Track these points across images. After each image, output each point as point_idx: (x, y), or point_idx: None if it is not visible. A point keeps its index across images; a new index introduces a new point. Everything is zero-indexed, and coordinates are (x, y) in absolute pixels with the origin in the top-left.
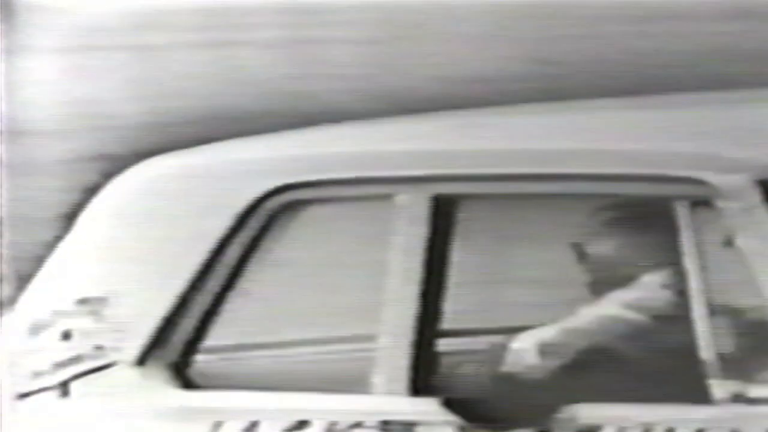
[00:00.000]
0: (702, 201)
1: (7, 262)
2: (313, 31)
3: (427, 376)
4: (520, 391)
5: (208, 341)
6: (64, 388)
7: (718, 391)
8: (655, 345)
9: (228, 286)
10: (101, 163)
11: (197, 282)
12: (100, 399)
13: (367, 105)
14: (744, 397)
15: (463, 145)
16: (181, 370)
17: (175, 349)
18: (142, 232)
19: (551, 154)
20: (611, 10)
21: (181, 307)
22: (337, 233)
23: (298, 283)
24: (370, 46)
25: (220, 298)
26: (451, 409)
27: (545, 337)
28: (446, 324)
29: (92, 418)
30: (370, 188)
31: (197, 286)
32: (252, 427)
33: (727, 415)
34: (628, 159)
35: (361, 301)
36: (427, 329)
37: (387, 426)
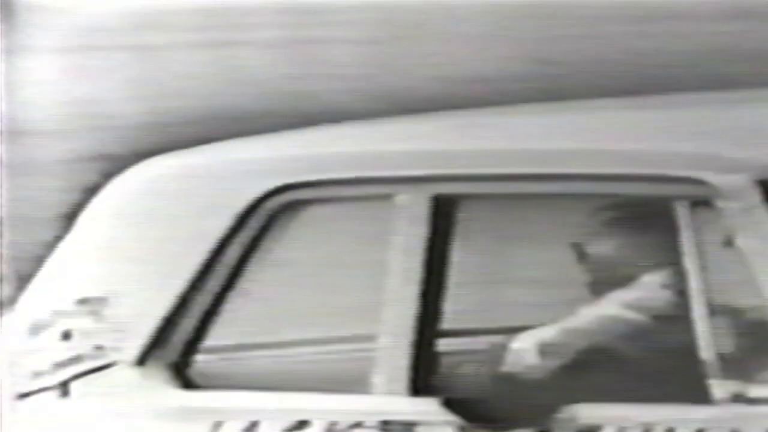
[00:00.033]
0: (702, 201)
1: (7, 262)
2: (313, 31)
3: (427, 376)
4: (520, 391)
5: (208, 341)
6: (64, 388)
7: (718, 391)
8: (655, 345)
9: (228, 286)
10: (101, 163)
11: (197, 282)
12: (100, 399)
13: (367, 105)
14: (744, 397)
15: (463, 145)
16: (181, 370)
17: (175, 349)
18: (142, 232)
19: (551, 154)
20: (611, 10)
21: (181, 307)
22: (337, 233)
23: (298, 283)
24: (370, 46)
25: (220, 298)
26: (451, 409)
27: (545, 337)
28: (446, 324)
29: (92, 418)
30: (370, 188)
31: (197, 286)
32: (252, 427)
33: (727, 415)
34: (628, 159)
35: (361, 301)
36: (427, 329)
37: (387, 426)
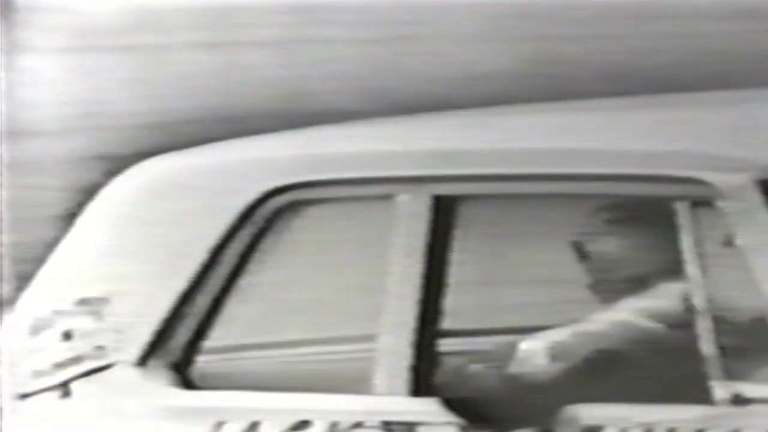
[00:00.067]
0: (702, 201)
1: (8, 262)
2: (313, 31)
3: (428, 376)
4: (526, 392)
5: (209, 341)
6: (64, 388)
7: (718, 391)
8: (664, 350)
9: (228, 286)
10: (101, 162)
11: (198, 282)
12: (101, 399)
13: (367, 105)
14: (744, 397)
15: (464, 145)
16: (181, 370)
17: (176, 349)
18: (142, 232)
19: (551, 154)
20: (611, 10)
21: (182, 307)
22: (338, 233)
23: (298, 283)
24: (369, 46)
25: (221, 298)
26: (452, 409)
27: (556, 340)
28: (447, 324)
29: (93, 418)
30: (371, 188)
31: (198, 286)
32: (253, 428)
33: (727, 415)
34: (628, 159)
35: (362, 301)
36: (427, 329)
37: (388, 426)
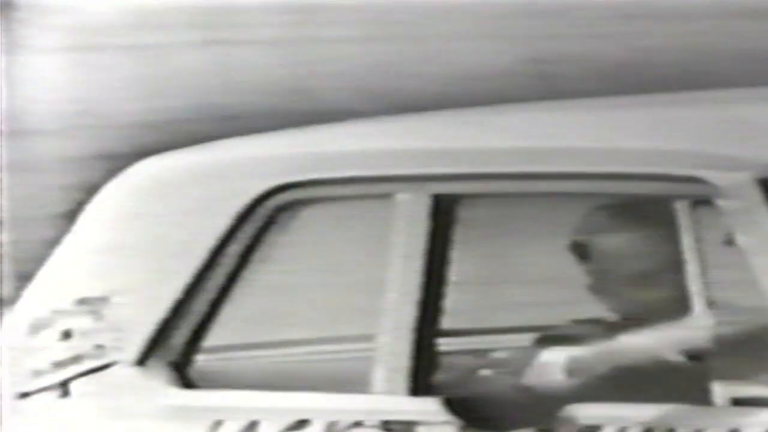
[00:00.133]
0: (702, 200)
1: (8, 261)
2: (313, 30)
3: (428, 375)
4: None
5: (208, 341)
6: (64, 387)
7: (718, 391)
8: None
9: (228, 285)
10: (101, 161)
11: (197, 281)
12: (101, 398)
13: (367, 103)
14: (744, 398)
15: (464, 143)
16: (181, 369)
17: (176, 348)
18: (142, 231)
19: (550, 152)
20: (611, 9)
21: (181, 307)
22: (338, 232)
23: (298, 283)
24: (369, 45)
25: (220, 298)
26: (452, 409)
27: (576, 355)
28: (446, 323)
29: (92, 417)
30: (370, 187)
31: (197, 286)
32: (252, 427)
33: (727, 415)
34: (628, 158)
35: (361, 300)
36: (427, 329)
37: (387, 425)
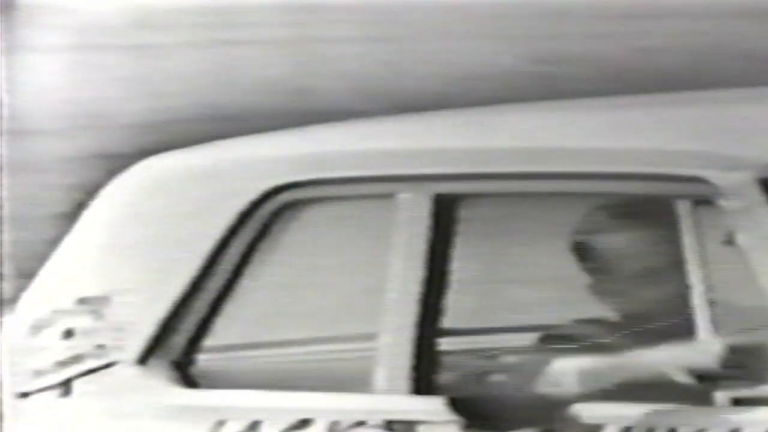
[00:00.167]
0: (703, 199)
1: (9, 261)
2: (314, 30)
3: (429, 374)
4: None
5: (210, 340)
6: (65, 387)
7: (719, 391)
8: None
9: (229, 284)
10: (102, 161)
11: (198, 281)
12: (102, 398)
13: (368, 103)
14: (744, 399)
15: (465, 143)
16: (182, 369)
17: (177, 348)
18: (143, 230)
19: (551, 152)
20: (612, 8)
21: (183, 306)
22: (339, 232)
23: (299, 282)
24: (371, 45)
25: (222, 297)
26: (454, 408)
27: (588, 366)
28: (447, 323)
29: (94, 417)
30: (372, 187)
31: (198, 285)
32: (254, 426)
33: (728, 415)
34: (629, 157)
35: (363, 300)
36: (428, 328)
37: (389, 425)
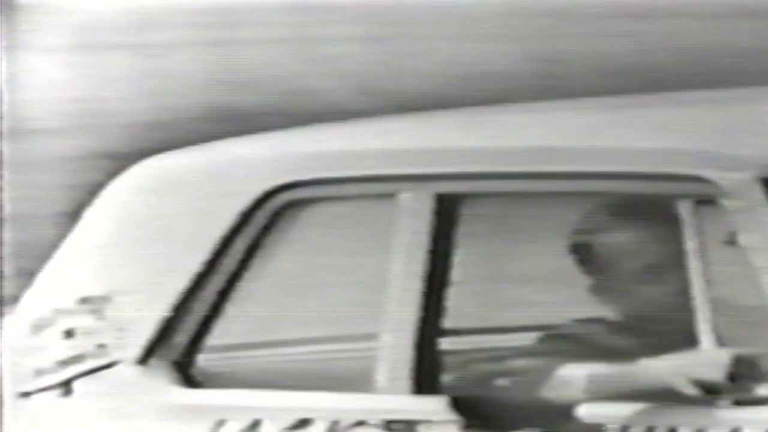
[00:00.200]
0: (705, 199)
1: (10, 260)
2: (315, 30)
3: (430, 374)
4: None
5: (211, 340)
6: (66, 386)
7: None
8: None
9: (230, 284)
10: (103, 160)
11: (199, 280)
12: (103, 398)
13: (369, 103)
14: (745, 398)
15: (466, 143)
16: (183, 368)
17: (178, 347)
18: (144, 230)
19: (553, 152)
20: (613, 8)
21: (184, 306)
22: (340, 231)
23: (300, 282)
24: (371, 45)
25: (223, 297)
26: (455, 408)
27: (596, 373)
28: (449, 322)
29: (94, 417)
30: (373, 186)
31: (199, 285)
32: (254, 426)
33: (729, 415)
34: (630, 157)
35: (364, 300)
36: (429, 328)
37: (390, 425)
